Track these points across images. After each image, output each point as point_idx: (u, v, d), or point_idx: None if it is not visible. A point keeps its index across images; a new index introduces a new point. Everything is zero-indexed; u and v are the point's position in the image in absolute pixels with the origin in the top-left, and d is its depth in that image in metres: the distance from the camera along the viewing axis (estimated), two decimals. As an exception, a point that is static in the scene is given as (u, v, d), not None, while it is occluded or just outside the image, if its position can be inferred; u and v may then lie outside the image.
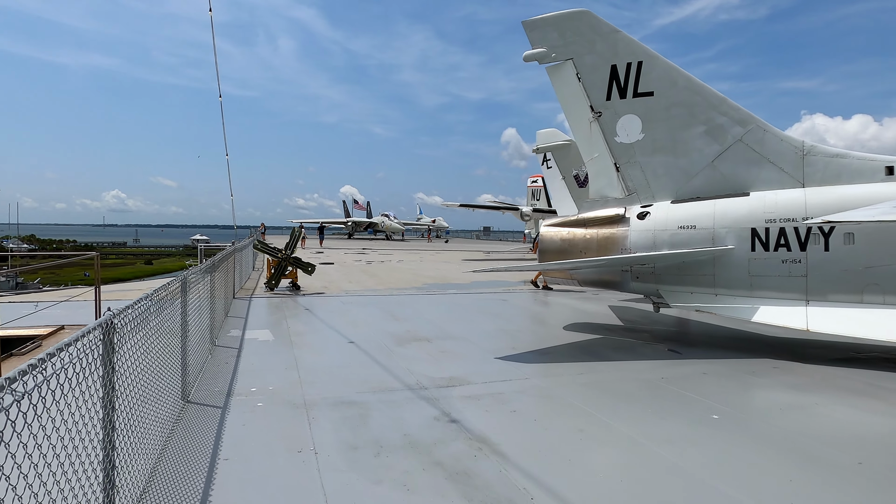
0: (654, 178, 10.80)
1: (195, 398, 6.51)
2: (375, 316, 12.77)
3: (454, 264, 30.79)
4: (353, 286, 18.71)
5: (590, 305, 14.84)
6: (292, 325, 11.36)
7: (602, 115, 11.19)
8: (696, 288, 9.85)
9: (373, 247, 50.90)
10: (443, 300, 15.78)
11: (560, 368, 8.33)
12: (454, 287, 19.34)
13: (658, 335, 11.16)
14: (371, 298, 15.82)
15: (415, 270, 25.81)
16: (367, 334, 10.50)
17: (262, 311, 13.35)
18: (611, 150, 11.19)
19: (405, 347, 9.49)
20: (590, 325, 12.02)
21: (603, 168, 11.42)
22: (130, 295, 16.13)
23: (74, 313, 12.35)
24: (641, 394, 7.09)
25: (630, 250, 10.37)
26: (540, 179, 49.76)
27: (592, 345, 10.09)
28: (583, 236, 11.00)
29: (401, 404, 6.55)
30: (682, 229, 10.01)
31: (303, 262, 16.93)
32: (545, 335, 10.96)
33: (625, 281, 10.57)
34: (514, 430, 5.81)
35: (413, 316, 12.79)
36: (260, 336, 10.27)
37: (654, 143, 10.74)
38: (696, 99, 10.41)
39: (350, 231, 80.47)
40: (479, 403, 6.60)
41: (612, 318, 12.96)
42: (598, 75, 11.15)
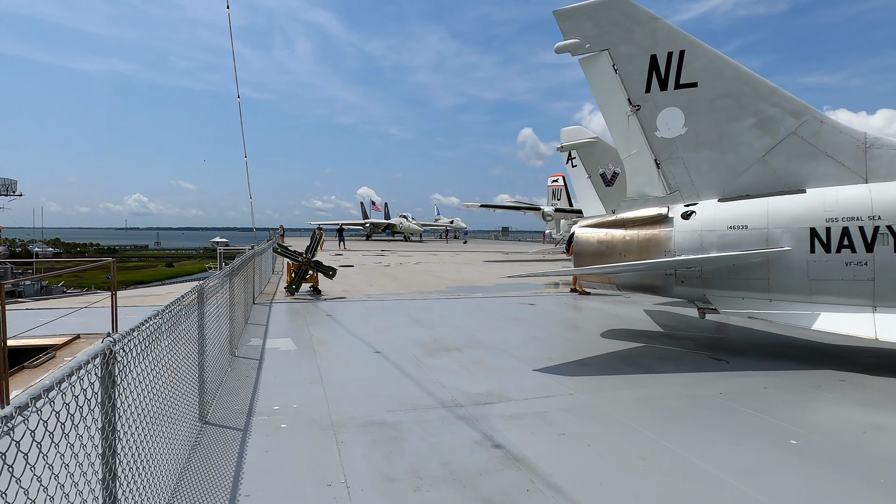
0: (699, 174, 10.09)
1: (214, 418, 5.99)
2: (400, 322, 12.21)
3: (476, 266, 30.18)
4: (374, 290, 18.19)
5: (624, 310, 14.12)
6: (314, 333, 10.84)
7: (641, 109, 10.50)
8: (749, 293, 9.11)
9: (391, 248, 50.46)
10: (469, 305, 15.18)
11: (604, 382, 7.67)
12: (478, 290, 18.73)
13: (703, 343, 10.44)
14: (394, 303, 15.27)
15: (436, 273, 25.24)
16: (394, 343, 9.94)
17: (283, 318, 12.87)
18: (650, 145, 10.50)
19: (435, 358, 8.90)
20: (628, 331, 11.32)
21: (642, 165, 10.73)
22: (149, 301, 15.79)
23: (91, 321, 11.97)
24: (701, 412, 6.41)
25: (674, 252, 9.67)
26: (561, 178, 48.96)
27: (634, 354, 9.41)
28: (622, 238, 10.31)
29: (436, 425, 5.97)
30: (731, 230, 9.28)
31: (324, 265, 16.45)
32: (582, 343, 10.30)
33: (668, 285, 9.87)
34: (567, 457, 5.18)
35: (439, 322, 12.20)
36: (281, 345, 9.76)
37: (699, 138, 10.02)
38: (744, 89, 9.68)
39: (368, 232, 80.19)
40: (522, 424, 5.99)
41: (649, 323, 12.25)
42: (637, 66, 10.46)
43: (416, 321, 12.22)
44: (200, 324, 5.87)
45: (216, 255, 44.63)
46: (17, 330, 10.39)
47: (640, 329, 11.55)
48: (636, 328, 11.68)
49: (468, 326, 11.68)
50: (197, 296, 5.73)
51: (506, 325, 12.00)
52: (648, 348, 9.83)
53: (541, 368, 8.24)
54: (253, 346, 9.71)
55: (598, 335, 10.89)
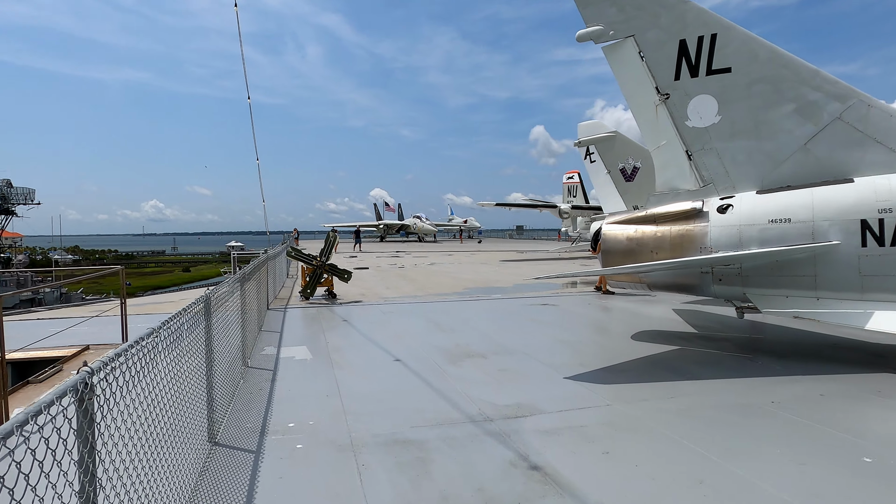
0: (734, 165, 9.47)
1: (224, 439, 5.54)
2: (419, 327, 11.72)
3: (493, 266, 29.63)
4: (391, 293, 17.73)
5: (652, 309, 13.51)
6: (331, 340, 10.39)
7: (670, 98, 9.90)
8: (793, 291, 8.49)
9: (406, 249, 50.05)
10: (489, 307, 14.66)
11: (643, 391, 7.10)
12: (497, 291, 18.18)
13: (741, 345, 9.82)
14: (412, 306, 14.79)
15: (453, 273, 24.74)
16: (414, 350, 9.45)
17: (298, 324, 12.45)
18: (681, 136, 9.90)
19: (458, 366, 8.40)
20: (659, 333, 10.73)
21: (672, 157, 10.13)
22: (162, 308, 15.46)
23: (102, 330, 11.65)
24: (755, 424, 5.83)
25: (711, 249, 9.07)
26: (576, 175, 48.18)
27: (670, 358, 8.83)
28: (653, 234, 9.72)
29: (465, 443, 5.46)
30: (773, 223, 8.65)
31: (339, 269, 16.02)
32: (613, 347, 9.73)
33: (704, 284, 9.26)
34: (615, 481, 4.64)
35: (460, 326, 11.69)
36: (297, 354, 9.32)
37: (734, 126, 9.40)
38: (782, 73, 9.05)
39: (382, 234, 79.91)
40: (560, 441, 5.46)
41: (681, 324, 11.63)
42: (665, 52, 9.87)
43: (435, 325, 11.72)
44: (208, 336, 5.42)
45: (244, 256, 44.61)
46: (26, 341, 10.09)
47: (672, 330, 10.94)
48: (667, 329, 11.07)
49: (490, 330, 11.16)
50: (203, 306, 5.28)
51: (530, 328, 11.46)
52: (684, 351, 9.24)
53: (572, 376, 7.69)
54: (267, 354, 9.28)
55: (629, 337, 10.31)
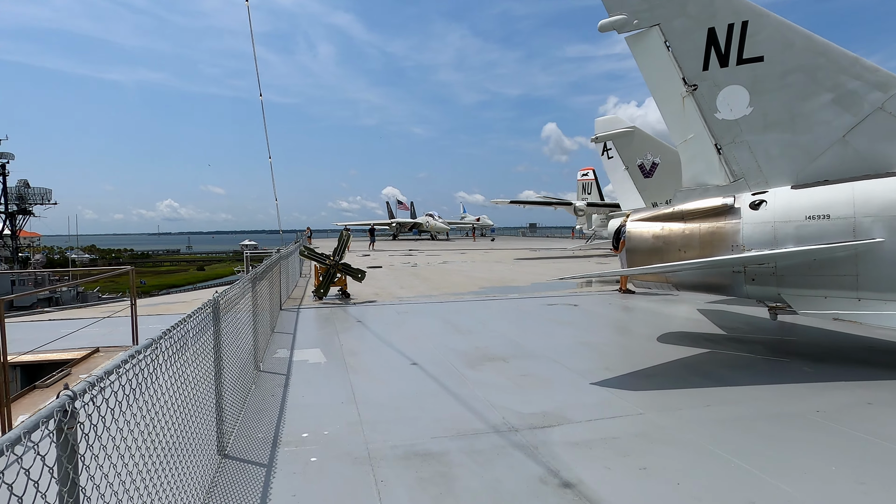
0: (767, 159, 9.00)
1: (235, 450, 5.23)
2: (436, 328, 11.37)
3: (507, 265, 29.22)
4: (405, 292, 17.40)
5: (675, 309, 13.06)
6: (345, 342, 10.08)
7: (698, 89, 9.46)
8: (833, 291, 8.01)
9: (419, 248, 49.76)
10: (506, 307, 14.27)
11: (675, 398, 6.70)
12: (514, 290, 17.79)
13: (774, 347, 9.36)
14: (427, 306, 14.45)
15: (467, 272, 24.37)
16: (431, 352, 9.11)
17: (312, 325, 12.16)
18: (710, 129, 9.45)
19: (478, 370, 8.04)
20: (686, 335, 10.29)
21: (700, 151, 9.68)
22: (174, 308, 15.26)
23: (113, 332, 11.44)
24: (802, 437, 5.41)
25: (743, 247, 8.62)
26: (591, 172, 47.62)
27: (701, 362, 8.40)
28: (681, 232, 9.28)
29: (490, 456, 5.10)
30: (811, 220, 8.19)
31: (352, 268, 15.72)
32: (639, 350, 9.31)
33: (736, 284, 8.82)
34: (656, 502, 4.26)
35: (477, 327, 11.32)
36: (310, 357, 9.01)
37: (766, 118, 8.93)
38: (819, 61, 8.56)
39: (395, 232, 79.75)
40: (592, 455, 5.08)
41: (707, 324, 11.17)
42: (692, 41, 9.43)
43: (452, 326, 11.37)
44: (217, 342, 5.11)
45: (256, 255, 44.60)
46: (37, 343, 9.89)
47: (699, 331, 10.49)
48: (694, 330, 10.63)
49: (510, 332, 10.78)
50: (211, 310, 4.97)
51: (551, 330, 11.06)
52: (715, 355, 8.81)
53: (599, 382, 7.31)
54: (280, 358, 8.98)
55: (654, 339, 9.88)
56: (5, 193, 62.26)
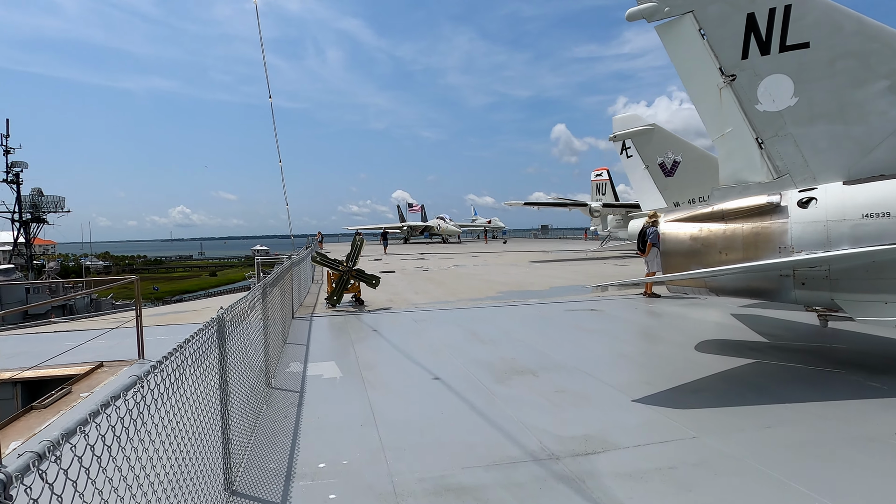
0: (815, 153, 8.32)
1: (243, 485, 4.65)
2: (456, 337, 10.76)
3: (522, 268, 28.57)
4: (420, 298, 16.82)
5: (708, 315, 12.36)
6: (361, 354, 9.51)
7: (737, 79, 8.80)
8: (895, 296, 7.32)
9: (431, 251, 49.21)
10: (527, 313, 13.63)
11: (731, 418, 6.04)
12: (533, 295, 17.15)
13: (823, 356, 8.66)
14: (445, 313, 13.86)
15: (483, 276, 23.75)
16: (453, 365, 8.52)
17: (325, 335, 11.61)
18: (750, 121, 8.78)
19: (507, 385, 7.42)
20: (725, 343, 9.61)
21: (739, 145, 9.01)
22: (183, 318, 14.78)
23: (120, 344, 10.94)
24: (886, 466, 4.75)
25: (792, 248, 7.94)
26: (605, 172, 46.87)
27: (750, 374, 7.73)
28: (721, 233, 8.61)
29: (533, 491, 4.48)
30: (868, 218, 7.49)
31: (366, 274, 15.16)
32: (678, 360, 8.64)
33: (784, 288, 8.13)
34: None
35: (500, 336, 10.71)
36: (325, 371, 8.45)
37: (813, 109, 8.25)
38: (872, 46, 7.87)
39: (406, 235, 79.33)
40: (648, 489, 4.45)
41: (745, 331, 10.47)
42: (730, 28, 8.77)
43: (473, 335, 10.76)
44: (222, 366, 4.54)
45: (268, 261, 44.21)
46: (41, 357, 9.45)
47: (738, 339, 9.81)
48: (732, 338, 9.94)
49: (535, 341, 10.15)
50: (216, 331, 4.40)
51: (579, 339, 10.41)
52: (762, 366, 8.12)
53: (641, 398, 6.66)
54: (292, 372, 8.43)
55: (692, 348, 9.22)
56: (19, 202, 62.63)
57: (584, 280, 21.62)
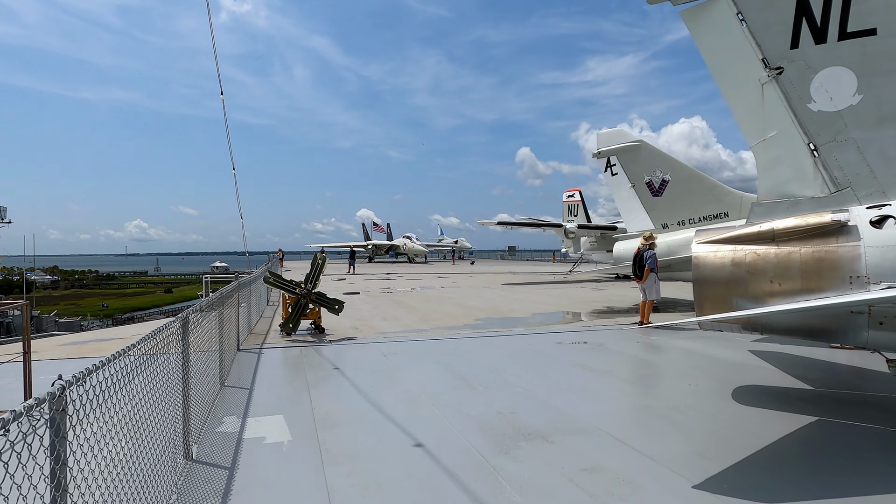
0: (884, 162, 6.81)
1: None
2: (437, 379, 8.82)
3: (497, 291, 26.85)
4: (389, 325, 14.82)
5: (719, 350, 10.73)
6: (319, 404, 7.46)
7: (784, 72, 7.29)
8: None
9: (397, 271, 47.16)
10: (516, 346, 11.78)
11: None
12: (516, 323, 15.35)
13: (893, 410, 7.07)
14: (419, 346, 11.90)
15: (457, 300, 21.87)
16: (439, 423, 6.58)
17: (275, 374, 9.49)
18: (800, 124, 7.26)
19: (514, 458, 5.50)
20: (767, 391, 7.95)
21: (786, 153, 7.47)
22: (106, 347, 12.38)
23: (9, 385, 8.64)
24: None
25: (866, 277, 6.33)
26: (577, 193, 45.90)
27: (826, 441, 6.00)
28: (773, 257, 6.97)
29: None
30: (968, 242, 5.99)
31: (328, 298, 13.10)
32: (722, 417, 6.86)
33: (853, 329, 6.50)
34: None
35: (491, 378, 8.81)
36: (269, 432, 6.37)
37: (882, 108, 6.77)
38: (956, 33, 6.49)
39: (371, 254, 77.06)
40: None
41: (780, 374, 8.84)
42: (777, 11, 7.28)
43: (458, 377, 8.83)
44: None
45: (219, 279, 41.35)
46: None
47: (780, 386, 8.16)
48: (771, 384, 8.30)
49: (535, 386, 8.27)
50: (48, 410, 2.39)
51: (586, 383, 8.57)
52: (834, 427, 6.41)
53: (705, 483, 4.84)
54: (225, 433, 6.32)
55: (730, 398, 7.51)
56: (-48, 211, 58.11)
57: (567, 305, 20.00)
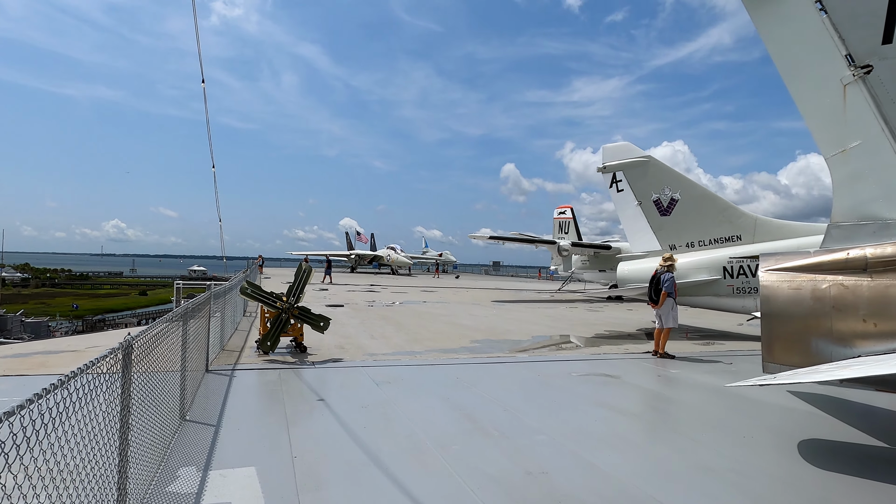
0: None
1: None
2: (442, 420, 7.41)
3: (487, 308, 25.55)
4: (378, 345, 13.39)
5: (760, 392, 9.48)
6: (300, 452, 6.01)
7: (873, 72, 6.16)
8: None
9: (381, 282, 45.65)
10: (524, 376, 10.42)
11: None
12: (516, 346, 14.04)
13: None
14: (415, 372, 10.50)
15: (447, 318, 20.50)
16: (450, 483, 5.19)
17: (248, 406, 8.00)
18: (892, 132, 6.11)
19: (562, 547, 4.15)
20: (837, 448, 6.67)
21: (871, 166, 6.31)
22: (54, 365, 10.76)
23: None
24: None
25: None
26: (568, 210, 44.93)
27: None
28: (866, 290, 5.76)
29: None
30: None
31: (312, 314, 11.63)
32: (800, 486, 5.52)
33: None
34: None
35: (506, 420, 7.42)
36: (236, 494, 4.91)
37: None
38: None
39: (353, 265, 75.34)
40: None
41: (838, 425, 7.59)
42: (866, 1, 6.17)
43: (466, 417, 7.45)
44: None
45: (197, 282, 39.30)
46: None
47: (851, 442, 6.88)
48: (836, 437, 7.03)
49: (563, 435, 6.85)
50: None
51: (623, 431, 7.17)
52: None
53: None
54: (177, 497, 4.86)
55: (798, 456, 6.22)
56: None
57: (566, 328, 18.73)
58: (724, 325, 19.29)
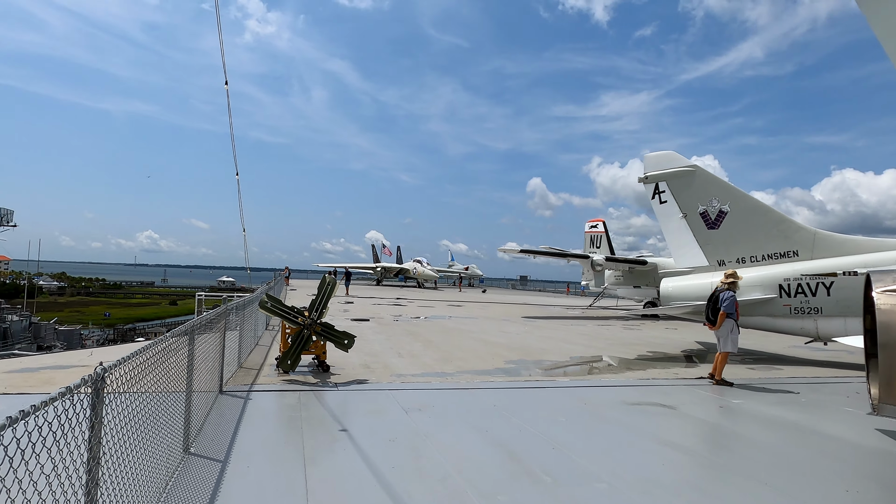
0: None
1: None
2: (482, 458, 6.41)
3: (519, 324, 24.46)
4: (406, 364, 12.45)
5: (843, 430, 8.24)
6: (317, 496, 5.09)
7: None
8: None
9: (407, 296, 44.84)
10: (570, 406, 9.31)
11: None
12: (555, 368, 12.96)
13: None
14: (447, 397, 9.51)
15: (478, 335, 19.47)
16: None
17: (263, 437, 7.10)
18: None
19: None
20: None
21: None
22: (54, 381, 10.09)
23: None
24: None
25: None
26: (601, 224, 43.53)
27: None
28: None
29: None
30: None
31: (336, 331, 10.76)
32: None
33: None
34: None
35: (556, 461, 6.37)
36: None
37: None
38: None
39: (379, 277, 74.85)
40: None
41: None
42: None
43: (509, 456, 6.43)
44: None
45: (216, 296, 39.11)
46: None
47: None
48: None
49: (627, 483, 5.74)
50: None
51: (697, 480, 6.05)
52: None
53: None
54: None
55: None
56: (-44, 212, 56.87)
57: (604, 348, 17.53)
58: (772, 346, 17.87)
